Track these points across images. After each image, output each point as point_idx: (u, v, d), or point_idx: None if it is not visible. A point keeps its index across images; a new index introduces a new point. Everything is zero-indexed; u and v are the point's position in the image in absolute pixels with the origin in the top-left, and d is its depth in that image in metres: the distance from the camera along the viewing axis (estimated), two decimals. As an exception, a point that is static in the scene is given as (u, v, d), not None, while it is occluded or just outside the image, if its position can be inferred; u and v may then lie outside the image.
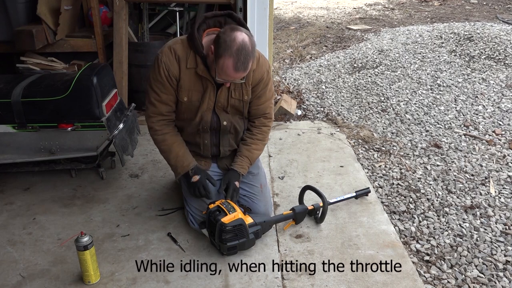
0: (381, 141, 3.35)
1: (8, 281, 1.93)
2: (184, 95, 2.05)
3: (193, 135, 2.19)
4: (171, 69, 2.00)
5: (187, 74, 2.01)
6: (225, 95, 2.08)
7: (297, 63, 5.43)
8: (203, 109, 2.08)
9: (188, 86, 2.04)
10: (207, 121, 2.12)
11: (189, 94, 2.05)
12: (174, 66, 2.00)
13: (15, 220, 2.36)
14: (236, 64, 1.82)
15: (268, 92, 2.19)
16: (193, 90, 2.05)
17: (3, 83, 2.53)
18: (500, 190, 2.69)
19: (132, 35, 3.71)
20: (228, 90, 2.07)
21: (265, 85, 2.15)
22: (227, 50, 1.80)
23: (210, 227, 2.05)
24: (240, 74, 1.87)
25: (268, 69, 2.15)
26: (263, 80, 2.13)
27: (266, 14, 3.24)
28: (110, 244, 2.17)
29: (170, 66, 2.00)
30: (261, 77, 2.12)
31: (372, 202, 2.53)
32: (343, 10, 8.52)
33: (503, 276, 2.03)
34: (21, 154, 2.54)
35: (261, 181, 2.35)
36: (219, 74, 1.89)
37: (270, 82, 2.19)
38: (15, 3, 3.06)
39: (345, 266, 2.02)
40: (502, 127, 3.48)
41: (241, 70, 1.84)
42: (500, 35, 5.02)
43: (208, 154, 2.25)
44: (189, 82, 2.03)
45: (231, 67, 1.82)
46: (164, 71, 2.00)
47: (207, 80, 2.02)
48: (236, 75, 1.87)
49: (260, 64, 2.10)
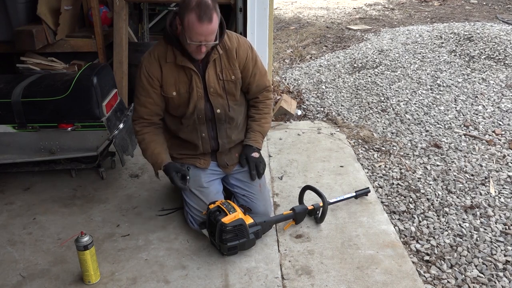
0: (381, 141, 3.35)
1: (8, 281, 1.93)
2: (171, 89, 2.09)
3: (190, 131, 2.19)
4: (151, 70, 2.06)
5: (168, 69, 2.06)
6: (213, 78, 2.10)
7: (297, 63, 5.43)
8: (194, 98, 2.10)
9: (173, 80, 2.08)
10: (201, 108, 2.13)
11: (176, 87, 2.08)
12: (154, 66, 2.06)
13: (15, 220, 2.36)
14: (199, 16, 1.83)
15: (261, 67, 2.24)
16: (179, 82, 2.08)
17: (3, 83, 2.53)
18: (500, 190, 2.69)
19: (132, 35, 3.71)
20: (215, 72, 2.10)
21: (254, 62, 2.19)
22: (187, 7, 1.85)
23: (210, 227, 2.05)
24: (206, 25, 1.86)
25: (250, 45, 2.19)
26: (250, 57, 2.17)
27: (266, 14, 3.24)
28: (110, 244, 2.17)
29: (151, 67, 2.06)
30: (247, 54, 2.15)
31: (372, 202, 2.53)
32: (343, 10, 8.52)
33: (503, 276, 2.03)
34: (21, 154, 2.54)
35: (260, 181, 2.35)
36: (190, 37, 1.90)
37: (258, 58, 2.23)
38: (15, 3, 3.06)
39: (345, 266, 2.02)
40: (502, 127, 3.48)
41: (206, 20, 1.85)
42: (500, 35, 5.03)
43: (207, 148, 2.24)
44: (173, 76, 2.07)
45: (195, 19, 1.84)
46: (144, 74, 2.07)
47: (189, 69, 2.05)
48: (202, 28, 1.86)
49: (241, 42, 2.15)
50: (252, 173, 2.26)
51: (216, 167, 2.31)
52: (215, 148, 2.26)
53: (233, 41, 2.12)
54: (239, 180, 2.31)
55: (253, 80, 2.22)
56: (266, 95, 2.32)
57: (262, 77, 2.26)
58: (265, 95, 2.32)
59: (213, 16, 1.88)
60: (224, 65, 2.11)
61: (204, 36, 1.90)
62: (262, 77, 2.26)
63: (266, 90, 2.31)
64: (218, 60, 2.09)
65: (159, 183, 2.72)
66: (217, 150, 2.27)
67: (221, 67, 2.11)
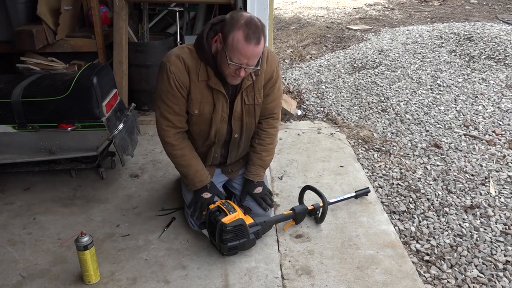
0: (381, 141, 3.35)
1: (8, 281, 1.93)
2: (195, 107, 1.96)
3: (204, 147, 2.14)
4: (181, 79, 1.91)
5: (198, 87, 1.93)
6: (239, 104, 2.00)
7: (297, 63, 5.43)
8: (217, 121, 2.00)
9: (199, 99, 1.95)
10: (223, 133, 2.06)
11: (200, 106, 1.96)
12: (184, 76, 1.91)
13: (15, 220, 2.36)
14: (247, 34, 1.70)
15: (276, 91, 2.10)
16: (205, 102, 1.96)
17: (3, 83, 2.53)
18: (500, 190, 2.69)
19: (132, 35, 3.71)
20: (241, 97, 1.99)
21: (274, 83, 2.06)
22: (236, 24, 1.72)
23: (210, 228, 2.05)
24: (252, 47, 1.72)
25: (277, 66, 2.06)
26: (273, 78, 2.04)
27: (266, 14, 3.24)
28: (110, 244, 2.17)
29: (181, 76, 1.90)
30: (271, 75, 2.03)
31: (372, 202, 2.53)
32: (343, 10, 8.52)
33: (503, 276, 2.03)
34: (21, 154, 2.53)
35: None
36: (231, 57, 1.75)
37: (279, 80, 2.10)
38: (15, 3, 3.06)
39: (345, 266, 2.02)
40: (502, 127, 3.48)
41: (253, 41, 1.71)
42: (500, 35, 5.03)
43: (216, 162, 2.25)
44: (200, 95, 1.94)
45: (241, 38, 1.70)
46: (174, 82, 1.90)
47: (219, 92, 1.94)
48: (248, 49, 1.72)
49: (269, 61, 2.01)
50: (263, 207, 2.21)
51: (220, 173, 2.31)
52: (223, 162, 2.26)
53: (263, 61, 1.96)
54: (241, 184, 2.32)
55: (264, 100, 2.08)
56: (271, 123, 2.17)
57: (274, 101, 2.12)
58: (270, 122, 2.17)
59: (261, 39, 1.75)
60: (251, 90, 1.99)
61: (247, 59, 1.76)
62: (274, 101, 2.11)
63: (271, 117, 2.16)
64: (250, 86, 1.98)
65: (159, 183, 2.72)
66: (224, 163, 2.27)
67: (248, 92, 1.99)
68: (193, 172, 2.10)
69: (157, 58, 3.63)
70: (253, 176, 2.22)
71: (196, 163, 2.10)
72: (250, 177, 2.21)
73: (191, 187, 2.16)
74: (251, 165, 2.22)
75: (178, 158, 2.09)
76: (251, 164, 2.22)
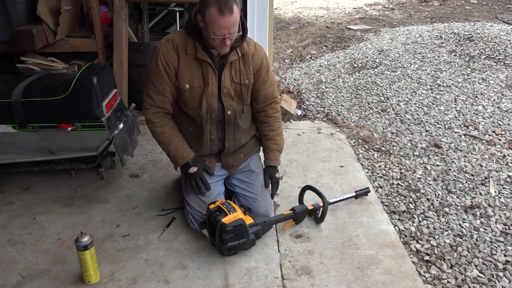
0: (381, 141, 3.35)
1: (8, 281, 1.93)
2: (185, 82, 2.06)
3: (200, 130, 2.17)
4: (169, 58, 2.03)
5: (186, 60, 2.04)
6: (228, 79, 2.10)
7: (297, 63, 5.43)
8: (208, 95, 2.08)
9: (189, 73, 2.05)
10: (214, 108, 2.12)
11: (190, 80, 2.06)
12: (172, 55, 2.03)
13: (15, 220, 2.36)
14: (219, 8, 1.83)
15: (271, 76, 2.25)
16: (194, 76, 2.06)
17: (3, 83, 2.53)
18: (500, 190, 2.69)
19: (132, 35, 3.71)
20: (230, 74, 2.09)
21: (267, 69, 2.20)
22: (207, 2, 1.85)
23: (210, 228, 2.05)
24: (227, 17, 1.85)
25: (265, 54, 2.20)
26: (264, 64, 2.17)
27: (266, 14, 3.24)
28: (110, 244, 2.17)
29: (168, 55, 2.03)
30: (261, 61, 2.16)
31: (372, 202, 2.53)
32: (343, 10, 8.52)
33: (503, 276, 2.03)
34: (21, 154, 2.53)
35: (262, 180, 2.35)
36: (213, 32, 1.88)
37: (270, 68, 2.24)
38: (15, 3, 3.06)
39: (345, 266, 2.02)
40: (502, 127, 3.48)
41: (227, 12, 1.84)
42: (500, 35, 5.03)
43: (214, 150, 2.23)
44: (189, 69, 2.05)
45: (216, 13, 1.83)
46: (161, 60, 2.03)
47: (207, 64, 2.04)
48: (225, 21, 1.85)
49: (257, 49, 2.16)
50: (273, 193, 2.35)
51: (221, 168, 2.30)
52: (221, 149, 2.25)
53: (250, 46, 2.12)
54: (241, 180, 2.31)
55: (262, 87, 2.21)
56: (274, 107, 2.31)
57: (271, 86, 2.25)
58: (273, 107, 2.30)
59: (234, 7, 1.87)
60: (239, 68, 2.10)
61: (227, 29, 1.88)
62: (271, 86, 2.25)
63: (274, 102, 2.29)
64: (236, 62, 2.09)
65: (159, 183, 2.72)
66: (222, 151, 2.26)
67: (236, 70, 2.10)
68: (173, 148, 2.16)
69: (157, 58, 3.64)
70: (273, 161, 2.33)
71: (176, 140, 2.17)
72: (270, 163, 2.33)
73: (175, 165, 2.24)
74: (268, 152, 2.34)
75: (158, 135, 2.17)
76: (268, 151, 2.33)
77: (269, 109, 2.29)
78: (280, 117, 2.35)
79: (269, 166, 2.34)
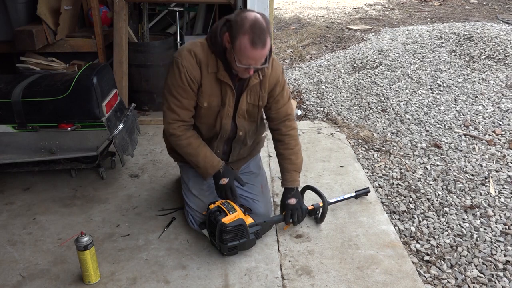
0: (381, 141, 3.35)
1: (8, 281, 1.93)
2: (204, 100, 1.99)
3: (207, 142, 2.13)
4: (193, 74, 1.93)
5: (208, 79, 1.95)
6: (245, 101, 2.03)
7: (297, 63, 5.43)
8: (223, 115, 2.02)
9: (209, 92, 1.97)
10: (227, 129, 2.08)
11: (209, 99, 1.99)
12: (196, 71, 1.93)
13: (15, 220, 2.36)
14: (252, 39, 1.73)
15: (285, 95, 2.14)
16: (214, 95, 1.99)
17: (3, 83, 2.53)
18: (500, 190, 2.69)
19: (132, 35, 3.71)
20: (247, 94, 2.03)
21: (282, 88, 2.10)
22: (241, 28, 1.74)
23: (210, 228, 2.05)
24: (259, 51, 1.76)
25: (282, 71, 2.11)
26: (279, 82, 2.08)
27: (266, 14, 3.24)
28: (110, 244, 2.17)
29: (193, 71, 1.92)
30: (276, 80, 2.07)
31: (372, 202, 2.53)
32: (343, 10, 8.52)
33: (503, 276, 2.03)
34: (21, 154, 2.53)
35: (262, 181, 2.36)
36: (239, 60, 1.79)
37: (286, 84, 2.15)
38: (15, 3, 3.06)
39: (345, 266, 2.02)
40: (502, 127, 3.48)
41: (259, 45, 1.75)
42: (500, 35, 5.03)
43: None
44: (210, 88, 1.97)
45: (248, 44, 1.74)
46: (186, 76, 1.92)
47: (227, 85, 1.96)
48: (255, 53, 1.77)
49: (274, 67, 2.06)
50: (285, 220, 2.19)
51: None
52: (225, 159, 2.25)
53: (269, 66, 2.00)
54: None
55: (275, 106, 2.12)
56: (289, 125, 2.19)
57: (285, 105, 2.15)
58: (287, 125, 2.18)
59: (267, 40, 1.78)
60: (256, 90, 2.03)
61: (255, 61, 1.81)
62: (284, 105, 2.14)
63: (288, 119, 2.18)
64: (256, 86, 2.02)
65: (159, 183, 2.72)
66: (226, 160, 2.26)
67: (253, 91, 2.03)
68: (202, 159, 2.08)
69: (157, 58, 3.64)
70: (290, 183, 2.19)
71: (204, 150, 2.08)
72: (287, 185, 2.20)
73: (205, 176, 2.13)
74: (284, 172, 2.21)
75: (185, 147, 2.08)
76: (285, 171, 2.21)
77: (283, 127, 2.18)
78: (296, 135, 2.22)
79: (286, 189, 2.21)
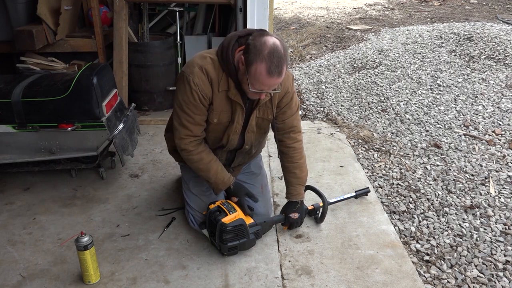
0: (381, 141, 3.35)
1: (8, 281, 1.93)
2: (215, 117, 1.97)
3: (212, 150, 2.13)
4: (205, 91, 1.90)
5: (219, 97, 1.93)
6: (254, 118, 2.02)
7: (297, 63, 5.43)
8: (231, 131, 2.01)
9: (220, 109, 1.96)
10: (234, 144, 2.08)
11: (220, 116, 1.97)
12: (208, 89, 1.90)
13: (15, 220, 2.36)
14: (269, 68, 1.70)
15: (293, 106, 2.09)
16: (224, 111, 1.97)
17: (3, 83, 2.53)
18: (500, 190, 2.69)
19: (132, 35, 3.71)
20: (256, 112, 2.01)
21: (290, 99, 2.06)
22: (258, 54, 1.70)
23: (210, 228, 2.05)
24: (275, 80, 1.74)
25: (292, 81, 2.07)
26: (288, 93, 2.04)
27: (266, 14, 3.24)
28: (110, 244, 2.17)
29: (204, 89, 1.89)
30: (286, 91, 2.03)
31: (372, 202, 2.53)
32: (343, 10, 8.52)
33: (503, 276, 2.03)
34: (21, 154, 2.53)
35: (262, 181, 2.36)
36: (253, 84, 1.77)
37: (295, 95, 2.09)
38: (15, 3, 3.06)
39: (345, 266, 2.02)
40: (502, 127, 3.48)
41: (275, 74, 1.72)
42: (500, 35, 5.03)
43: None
44: (221, 105, 1.95)
45: (264, 72, 1.71)
46: (197, 94, 1.89)
47: (237, 103, 1.94)
48: (270, 81, 1.74)
49: (285, 78, 1.96)
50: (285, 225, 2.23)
51: None
52: (227, 165, 2.25)
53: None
54: (241, 181, 2.31)
55: (281, 116, 2.09)
56: (293, 137, 2.15)
57: (291, 116, 2.10)
58: (292, 137, 2.14)
59: (283, 69, 1.74)
60: (266, 104, 2.01)
61: (269, 88, 1.79)
62: (291, 116, 2.10)
63: (292, 131, 2.14)
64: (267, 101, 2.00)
65: (159, 183, 2.72)
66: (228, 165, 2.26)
67: (262, 106, 2.01)
68: (213, 175, 2.06)
69: (157, 58, 3.64)
70: (295, 196, 2.19)
71: (215, 165, 2.07)
72: (292, 198, 2.19)
73: (216, 191, 2.13)
74: (289, 186, 2.20)
75: (196, 162, 2.06)
76: (290, 185, 2.20)
77: (287, 139, 2.14)
78: (300, 147, 2.18)
79: (289, 202, 2.21)
